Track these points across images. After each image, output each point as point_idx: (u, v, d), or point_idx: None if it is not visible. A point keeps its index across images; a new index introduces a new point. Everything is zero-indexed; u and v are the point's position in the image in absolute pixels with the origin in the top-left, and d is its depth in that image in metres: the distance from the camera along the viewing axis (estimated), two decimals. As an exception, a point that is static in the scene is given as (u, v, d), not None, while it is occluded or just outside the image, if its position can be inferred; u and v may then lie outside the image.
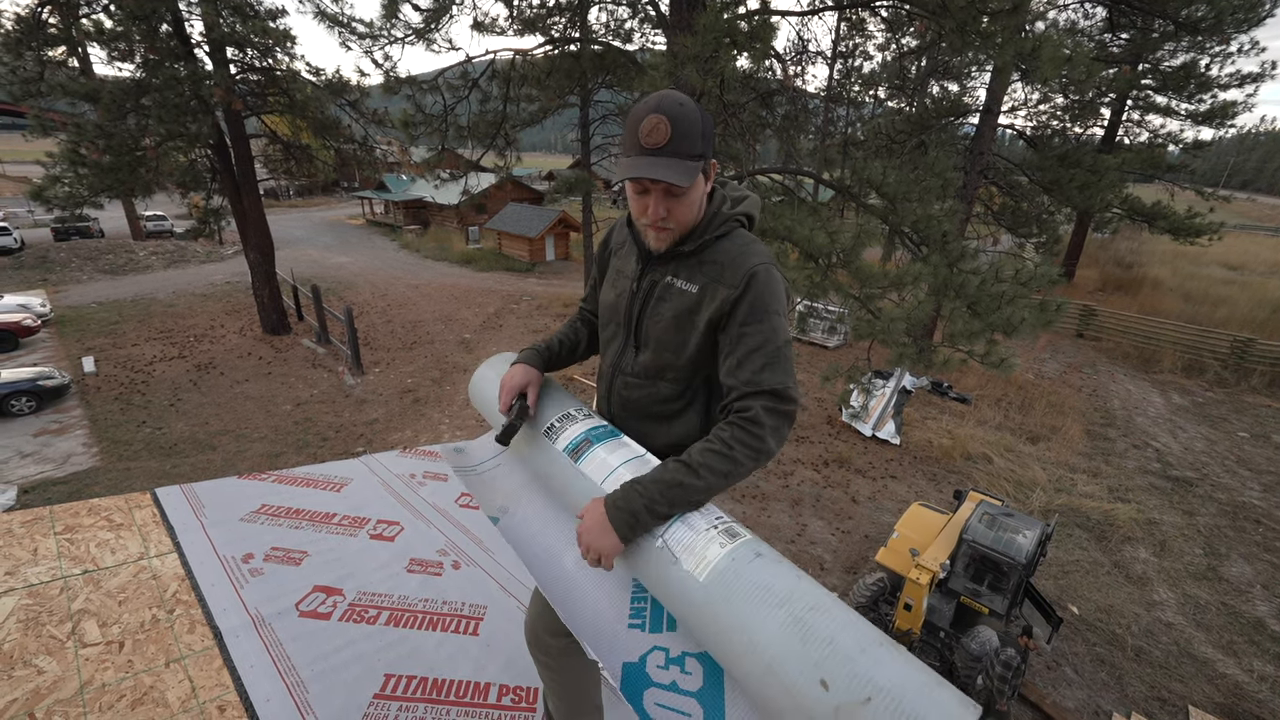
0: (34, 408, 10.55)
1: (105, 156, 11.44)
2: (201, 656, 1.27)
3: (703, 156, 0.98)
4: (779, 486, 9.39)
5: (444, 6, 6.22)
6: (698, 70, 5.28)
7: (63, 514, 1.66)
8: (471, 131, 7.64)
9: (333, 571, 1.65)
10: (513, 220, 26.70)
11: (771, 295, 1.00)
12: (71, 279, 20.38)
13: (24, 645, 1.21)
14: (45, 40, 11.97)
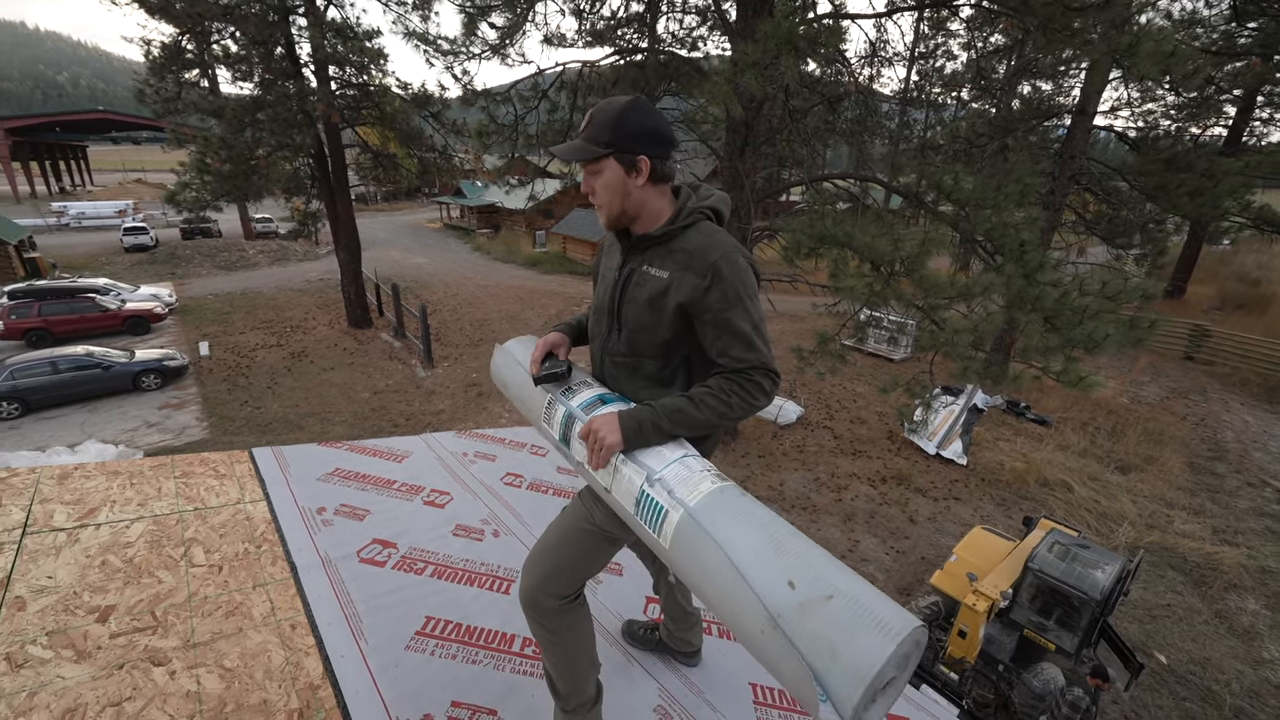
0: (159, 384, 12.08)
1: (226, 165, 12.94)
2: (280, 585, 1.51)
3: (610, 145, 1.10)
4: (831, 499, 9.14)
5: (517, 24, 6.63)
6: (757, 77, 5.31)
7: (181, 463, 1.99)
8: (540, 140, 8.04)
9: (390, 528, 1.87)
10: (577, 225, 27.48)
11: (740, 282, 1.10)
12: (193, 273, 23.10)
13: (149, 560, 1.49)
14: (183, 64, 13.74)
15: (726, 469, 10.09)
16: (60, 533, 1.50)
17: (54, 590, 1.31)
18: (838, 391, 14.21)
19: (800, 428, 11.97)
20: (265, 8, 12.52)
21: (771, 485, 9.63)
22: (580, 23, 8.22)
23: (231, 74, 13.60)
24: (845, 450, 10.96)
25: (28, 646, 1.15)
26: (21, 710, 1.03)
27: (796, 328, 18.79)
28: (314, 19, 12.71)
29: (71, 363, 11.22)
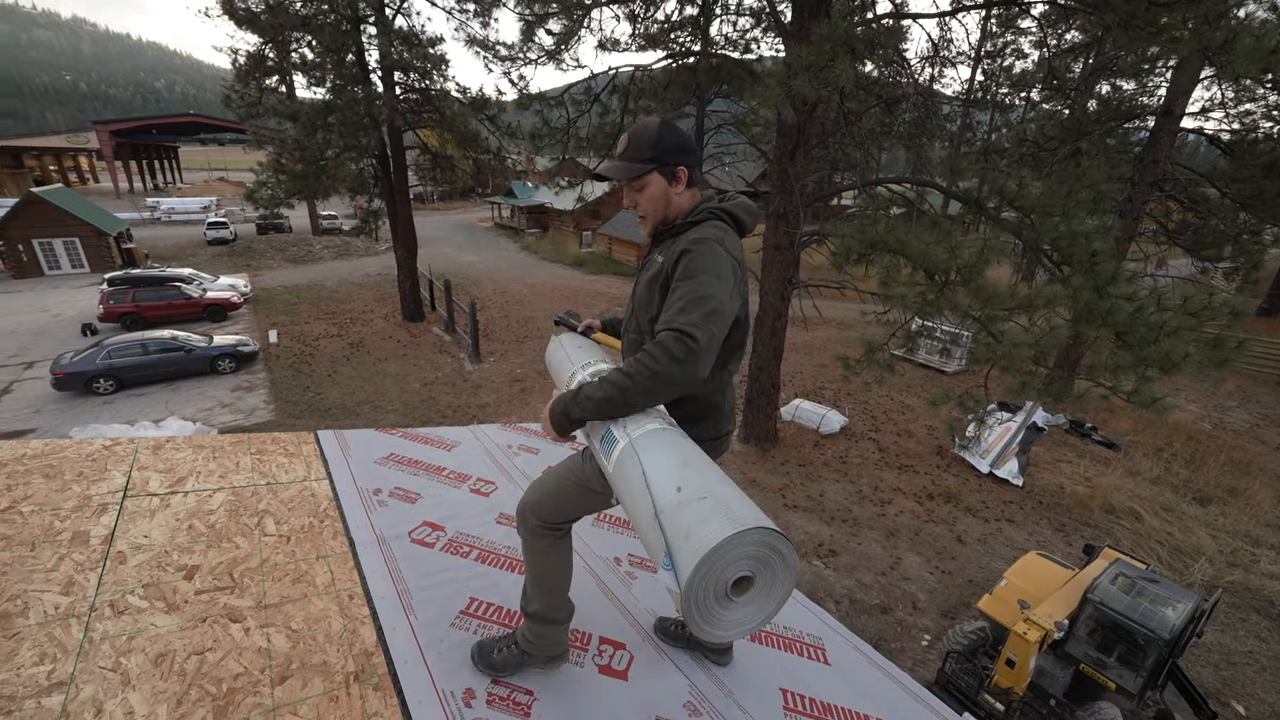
0: (233, 368, 13.01)
1: (298, 165, 13.82)
2: (340, 558, 1.62)
3: (654, 161, 1.24)
4: (874, 513, 8.86)
5: (573, 30, 6.79)
6: (811, 80, 5.22)
7: (255, 441, 2.17)
8: (591, 142, 8.19)
9: (439, 512, 1.98)
10: (624, 226, 27.71)
11: (702, 260, 1.14)
12: (266, 265, 24.74)
13: (228, 527, 1.64)
14: (264, 71, 14.78)
15: (763, 476, 9.96)
16: (154, 497, 1.68)
17: (149, 548, 1.47)
18: (884, 403, 13.75)
19: (843, 438, 11.65)
20: (340, 18, 13.29)
21: (811, 495, 9.43)
22: (634, 27, 8.31)
23: (307, 80, 14.51)
24: (890, 464, 10.59)
25: (127, 596, 1.30)
26: (122, 651, 1.16)
27: (843, 335, 18.29)
28: (383, 27, 13.39)
29: (159, 345, 12.25)
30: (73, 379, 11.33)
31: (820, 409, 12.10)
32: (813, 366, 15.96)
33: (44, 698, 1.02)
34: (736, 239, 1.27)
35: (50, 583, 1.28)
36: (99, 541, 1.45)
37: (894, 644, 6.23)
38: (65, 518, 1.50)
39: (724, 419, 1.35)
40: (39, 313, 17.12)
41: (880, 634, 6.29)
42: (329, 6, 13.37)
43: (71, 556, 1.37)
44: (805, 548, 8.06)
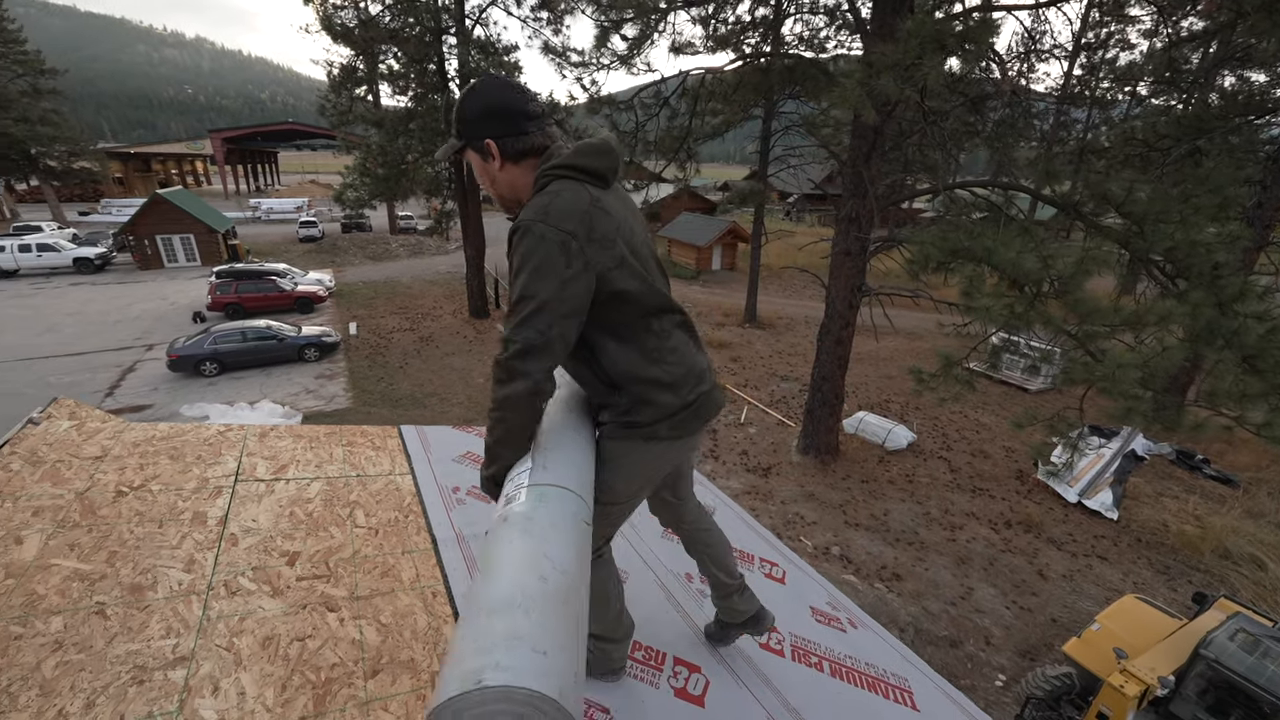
0: (317, 357, 14.02)
1: (381, 169, 14.73)
2: (423, 554, 1.68)
3: (461, 136, 1.12)
4: (943, 538, 8.34)
5: (646, 34, 6.82)
6: (895, 79, 4.95)
7: (346, 433, 2.30)
8: (657, 146, 8.19)
9: (513, 514, 2.01)
10: (683, 228, 27.63)
11: (518, 253, 1.03)
12: (348, 262, 26.54)
13: (324, 516, 1.73)
14: (355, 81, 15.86)
15: (823, 490, 9.60)
16: (261, 483, 1.80)
17: (257, 532, 1.58)
18: (957, 420, 12.93)
19: (911, 455, 11.05)
20: (424, 30, 14.05)
21: (874, 514, 9.00)
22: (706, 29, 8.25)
23: (391, 89, 15.45)
24: (963, 486, 9.94)
25: (239, 577, 1.39)
26: (235, 631, 1.24)
27: (914, 346, 17.35)
28: (462, 37, 14.03)
29: (256, 333, 13.40)
30: (184, 361, 12.59)
31: (886, 423, 11.53)
32: (879, 378, 15.25)
33: (170, 670, 1.11)
34: (575, 194, 1.05)
35: (175, 559, 1.40)
36: (215, 523, 1.57)
37: (964, 680, 5.81)
38: (187, 498, 1.64)
39: (673, 388, 1.17)
40: (158, 300, 19.18)
41: (949, 668, 5.88)
42: (414, 20, 14.16)
43: (192, 536, 1.49)
44: (867, 569, 7.69)
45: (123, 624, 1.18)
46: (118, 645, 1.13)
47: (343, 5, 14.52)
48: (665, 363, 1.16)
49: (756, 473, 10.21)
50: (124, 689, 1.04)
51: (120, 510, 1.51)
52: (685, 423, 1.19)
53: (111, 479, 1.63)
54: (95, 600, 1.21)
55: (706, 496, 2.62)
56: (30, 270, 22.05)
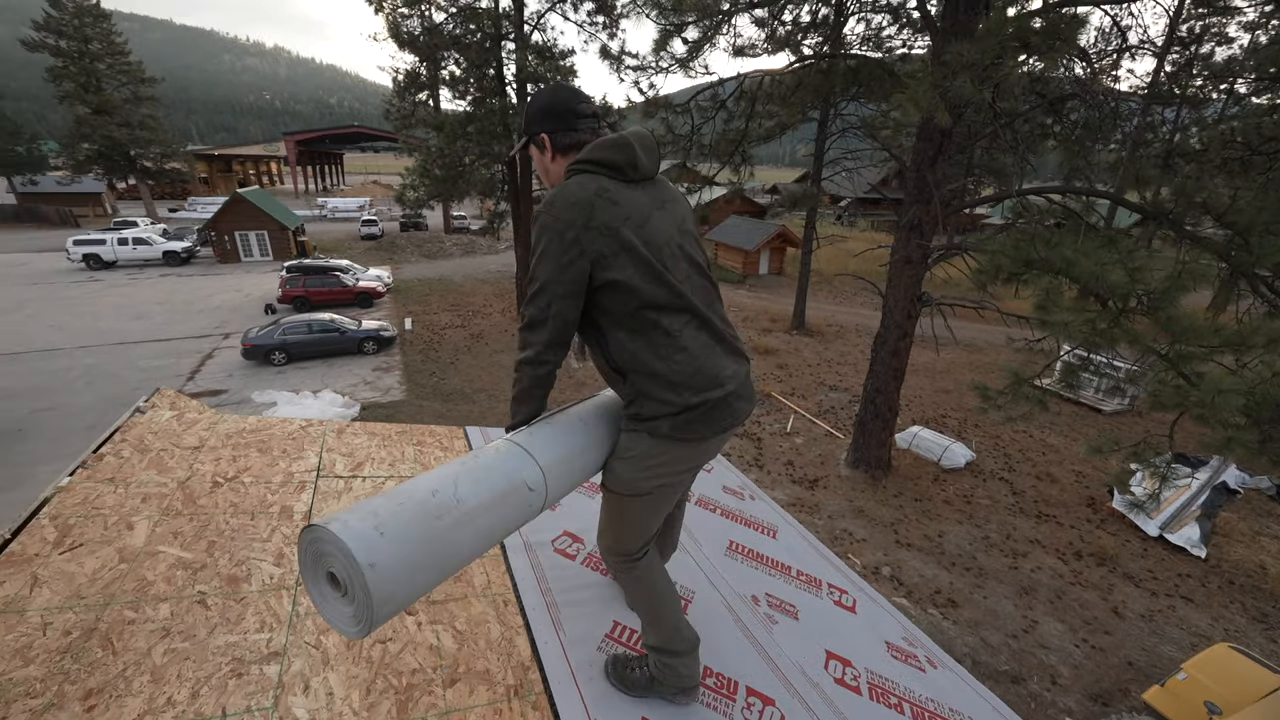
0: (375, 350, 14.66)
1: (439, 170, 15.26)
2: (493, 559, 1.69)
3: (525, 133, 1.29)
4: (1004, 565, 7.87)
5: (707, 37, 6.75)
6: (972, 80, 4.68)
7: (415, 432, 2.35)
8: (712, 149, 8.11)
9: (577, 522, 2.00)
10: (731, 232, 27.32)
11: (533, 240, 1.16)
12: (405, 260, 27.67)
13: (399, 516, 1.77)
14: (417, 86, 16.50)
15: (873, 507, 9.24)
16: (340, 479, 1.86)
17: (338, 529, 1.63)
18: (1021, 439, 12.21)
19: (969, 475, 10.50)
20: (484, 36, 14.47)
21: (928, 535, 8.59)
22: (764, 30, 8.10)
23: (452, 94, 15.97)
24: (1027, 511, 9.36)
25: (324, 574, 1.43)
26: (322, 628, 1.28)
27: (974, 360, 16.51)
28: (521, 43, 14.36)
29: (320, 326, 14.14)
30: (256, 350, 13.42)
31: (942, 439, 11.00)
32: (934, 391, 14.59)
33: (265, 665, 1.14)
34: (581, 185, 1.15)
35: (266, 552, 1.45)
36: (300, 518, 1.62)
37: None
38: (275, 491, 1.71)
39: (675, 388, 1.19)
40: (234, 292, 20.57)
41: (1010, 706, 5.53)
42: (476, 26, 14.61)
43: (280, 530, 1.55)
44: (920, 592, 7.34)
45: (222, 615, 1.24)
46: (218, 636, 1.18)
47: (409, 14, 15.15)
48: (671, 360, 1.19)
49: (802, 484, 9.95)
50: (224, 681, 1.08)
51: (216, 501, 1.59)
52: (689, 425, 1.21)
53: (208, 469, 1.72)
54: (197, 589, 1.27)
55: (770, 515, 2.54)
56: (126, 261, 24.11)
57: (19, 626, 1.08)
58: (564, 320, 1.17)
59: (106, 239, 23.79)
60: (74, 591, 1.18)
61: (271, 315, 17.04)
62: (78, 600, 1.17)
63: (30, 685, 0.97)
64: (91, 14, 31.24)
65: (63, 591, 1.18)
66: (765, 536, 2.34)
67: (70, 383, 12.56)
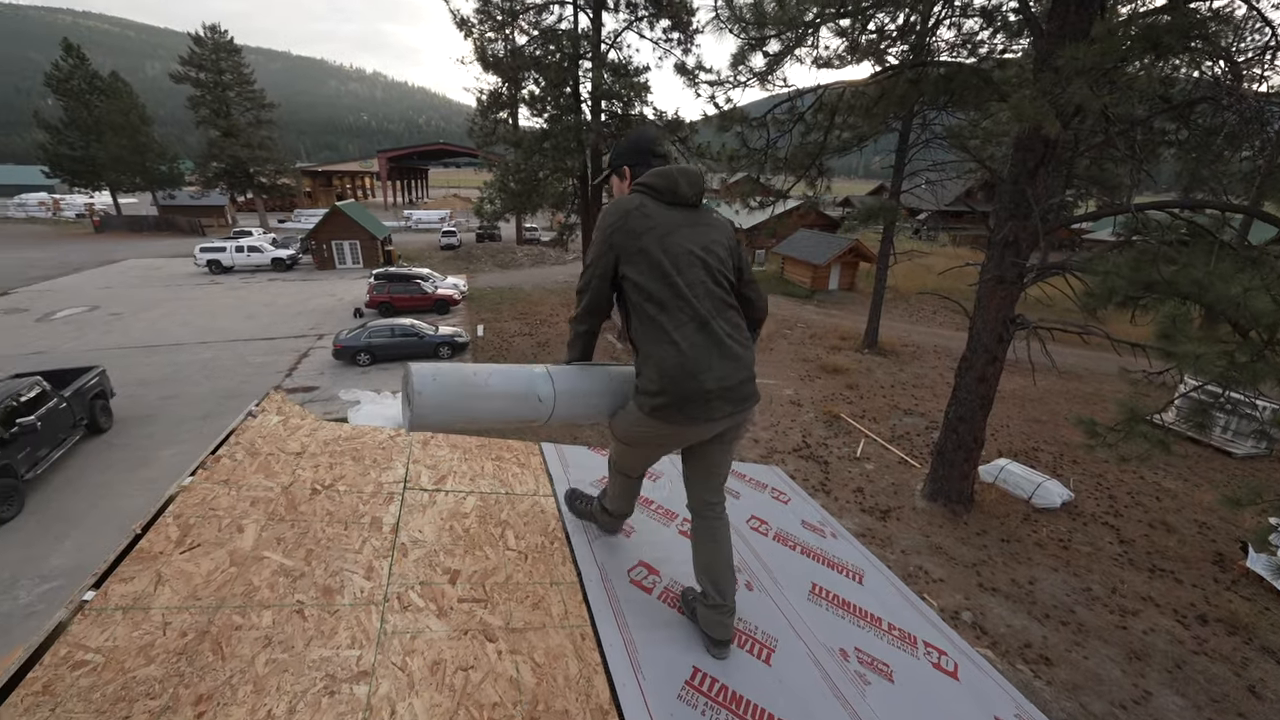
0: (449, 355, 15.40)
1: (514, 184, 15.91)
2: (569, 587, 1.65)
3: (610, 165, 1.68)
4: (1109, 623, 7.04)
5: (789, 49, 6.60)
6: (1090, 85, 4.23)
7: (495, 447, 2.38)
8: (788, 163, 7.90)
9: (653, 552, 1.93)
10: (800, 245, 26.60)
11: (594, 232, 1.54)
12: (479, 269, 29.05)
13: (479, 534, 1.78)
14: (499, 106, 17.35)
15: (953, 545, 8.54)
16: (425, 492, 1.91)
17: (423, 544, 1.65)
18: (1129, 480, 10.96)
19: (1065, 516, 9.52)
20: (563, 56, 15.01)
21: (1017, 580, 7.85)
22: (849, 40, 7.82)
23: (530, 112, 16.67)
24: (1138, 563, 8.35)
25: (409, 591, 1.45)
26: (408, 650, 1.28)
27: (1072, 388, 15.03)
28: (598, 61, 14.77)
29: (402, 330, 15.05)
30: (345, 351, 14.48)
31: (1034, 475, 10.03)
32: (1023, 421, 13.40)
33: (355, 685, 1.15)
34: (627, 200, 1.50)
35: (357, 565, 1.49)
36: (389, 530, 1.67)
37: (1142, 811, 4.78)
38: (366, 501, 1.77)
39: (660, 375, 1.41)
40: (328, 297, 22.38)
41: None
42: (555, 47, 15.19)
43: (371, 542, 1.59)
44: (1007, 644, 6.68)
45: (317, 626, 1.27)
46: (314, 649, 1.21)
47: (495, 38, 16.00)
48: (661, 348, 1.42)
49: (874, 514, 9.38)
50: (318, 698, 1.10)
51: (315, 508, 1.66)
52: (663, 409, 1.42)
53: (308, 476, 1.81)
54: (296, 599, 1.32)
55: (854, 556, 2.36)
56: (241, 267, 26.90)
57: (144, 624, 1.16)
58: (597, 295, 1.55)
59: (226, 247, 26.68)
60: (191, 592, 1.25)
61: (359, 319, 18.35)
62: (194, 601, 1.23)
63: (150, 686, 1.03)
64: (226, 49, 35.49)
65: (181, 591, 1.25)
66: (850, 581, 2.16)
67: (191, 374, 14.08)
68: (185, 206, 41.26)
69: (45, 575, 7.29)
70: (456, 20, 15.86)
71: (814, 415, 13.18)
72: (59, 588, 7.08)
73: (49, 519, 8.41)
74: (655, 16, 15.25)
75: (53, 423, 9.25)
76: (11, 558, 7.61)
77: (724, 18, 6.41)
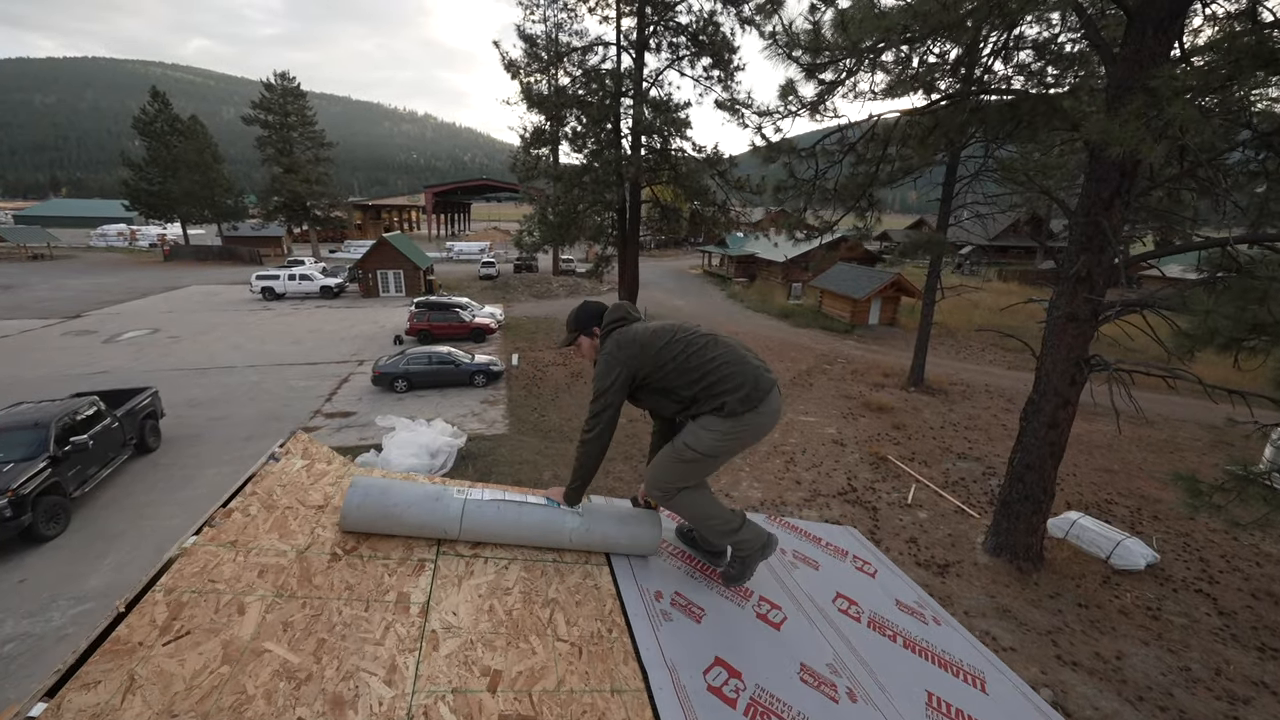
0: (484, 383, 15.40)
1: (553, 217, 16.13)
2: (634, 695, 1.31)
3: (576, 331, 2.14)
4: (1217, 711, 6.18)
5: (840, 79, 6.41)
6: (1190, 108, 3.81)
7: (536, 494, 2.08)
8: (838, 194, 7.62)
9: (729, 642, 1.58)
10: (839, 279, 26.04)
11: (596, 368, 1.96)
12: (515, 299, 29.52)
13: (523, 618, 1.47)
14: (541, 142, 17.81)
15: (1022, 608, 7.70)
16: (461, 559, 1.62)
17: (457, 631, 1.35)
18: (1223, 542, 9.86)
19: (1152, 580, 8.55)
20: (605, 94, 15.34)
21: (1101, 654, 6.98)
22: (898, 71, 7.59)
23: (571, 147, 17.03)
24: (1243, 640, 7.35)
25: (439, 703, 1.15)
26: (435, 796, 0.96)
27: (1147, 436, 13.81)
28: (639, 98, 15.02)
29: (439, 358, 15.17)
30: (383, 378, 14.65)
31: (1112, 532, 9.08)
32: (1093, 470, 12.33)
33: None
34: (620, 332, 1.99)
35: (378, 663, 1.20)
36: (417, 611, 1.38)
37: None
38: (393, 571, 1.49)
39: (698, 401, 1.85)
40: (371, 324, 23.00)
41: None
42: (598, 86, 15.57)
43: (395, 628, 1.30)
44: (1096, 732, 5.84)
45: (320, 755, 0.97)
46: (313, 795, 0.91)
47: (540, 79, 16.55)
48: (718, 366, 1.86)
49: (930, 569, 8.60)
50: None
51: (333, 580, 1.39)
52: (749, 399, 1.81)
53: (329, 536, 1.55)
54: (298, 715, 1.03)
55: (968, 652, 1.93)
56: (293, 294, 28.09)
57: (102, 750, 0.89)
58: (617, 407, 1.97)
59: (280, 275, 27.98)
60: (167, 705, 0.99)
61: (399, 346, 18.68)
62: (168, 718, 0.96)
63: None
64: (293, 94, 38.22)
65: (156, 703, 0.99)
66: (971, 689, 1.74)
67: (239, 396, 14.46)
68: (246, 238, 43.87)
69: (81, 596, 7.30)
70: (505, 63, 16.51)
71: (859, 456, 12.46)
72: (92, 609, 7.06)
73: (91, 537, 8.52)
74: (696, 55, 15.49)
75: (104, 442, 9.50)
76: (52, 575, 7.68)
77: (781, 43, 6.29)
